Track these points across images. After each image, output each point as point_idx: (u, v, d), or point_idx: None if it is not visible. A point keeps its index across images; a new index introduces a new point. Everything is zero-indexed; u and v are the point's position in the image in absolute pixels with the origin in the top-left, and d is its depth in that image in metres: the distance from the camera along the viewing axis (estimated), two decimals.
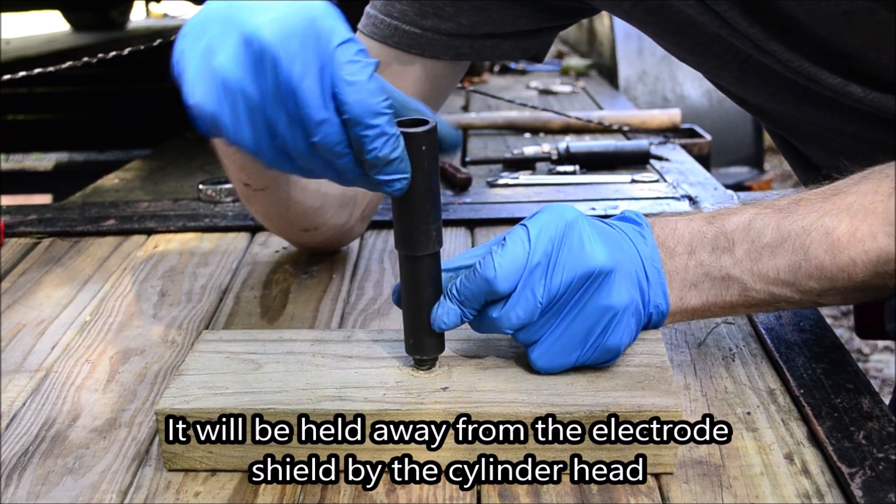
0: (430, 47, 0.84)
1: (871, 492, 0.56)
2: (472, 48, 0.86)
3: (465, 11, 0.82)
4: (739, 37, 0.74)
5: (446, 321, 0.61)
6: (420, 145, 0.56)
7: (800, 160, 0.90)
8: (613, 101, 2.16)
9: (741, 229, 0.65)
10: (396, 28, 0.84)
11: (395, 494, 0.59)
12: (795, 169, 0.94)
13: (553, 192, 1.24)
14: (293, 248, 1.03)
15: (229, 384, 0.62)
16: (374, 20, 0.86)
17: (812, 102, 0.77)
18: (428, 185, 0.58)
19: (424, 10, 0.83)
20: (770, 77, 0.77)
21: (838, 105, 0.75)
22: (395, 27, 0.84)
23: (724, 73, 0.81)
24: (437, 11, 0.82)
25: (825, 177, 0.67)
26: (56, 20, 5.15)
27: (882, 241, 0.62)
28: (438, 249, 0.61)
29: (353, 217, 0.93)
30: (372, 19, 0.86)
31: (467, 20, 0.83)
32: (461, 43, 0.85)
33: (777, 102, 0.80)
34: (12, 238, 1.09)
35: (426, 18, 0.83)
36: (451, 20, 0.83)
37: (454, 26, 0.83)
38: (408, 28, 0.83)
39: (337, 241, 0.98)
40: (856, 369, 0.70)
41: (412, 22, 0.83)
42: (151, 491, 0.60)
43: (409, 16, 0.83)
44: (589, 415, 0.58)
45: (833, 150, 0.80)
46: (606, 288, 0.60)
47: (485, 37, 0.85)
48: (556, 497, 0.58)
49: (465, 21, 0.83)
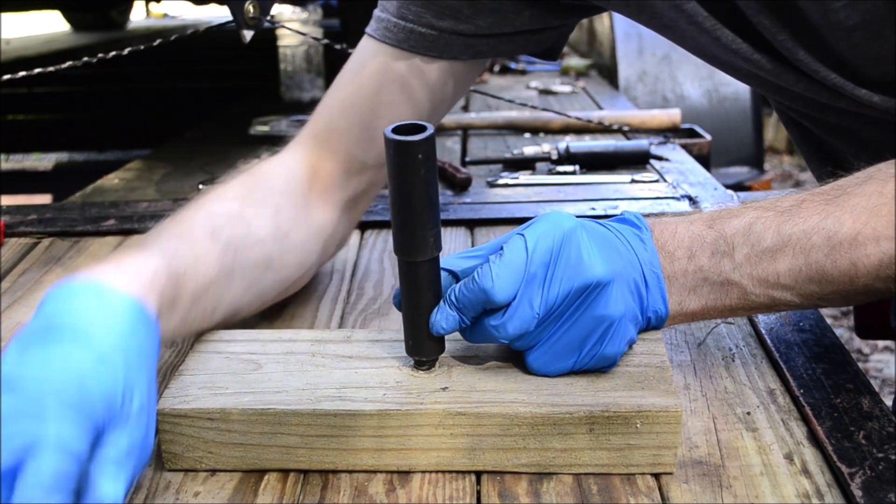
0: (448, 48, 0.84)
1: (871, 492, 0.56)
2: (489, 46, 0.85)
3: (481, 13, 0.82)
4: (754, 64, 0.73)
5: (445, 326, 0.61)
6: (416, 153, 0.56)
7: (818, 151, 0.88)
8: (613, 101, 2.16)
9: (741, 233, 0.65)
10: (412, 31, 0.83)
11: (395, 494, 0.59)
12: (810, 162, 0.92)
13: (553, 192, 1.24)
14: None
15: (229, 384, 0.62)
16: (386, 24, 0.84)
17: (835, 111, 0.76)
18: (426, 192, 0.57)
19: (441, 12, 0.82)
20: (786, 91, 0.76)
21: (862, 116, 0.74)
22: (410, 30, 0.83)
23: (742, 80, 0.81)
24: (454, 13, 0.82)
25: (832, 173, 0.66)
26: (56, 20, 5.15)
27: (885, 246, 0.61)
28: (437, 255, 0.61)
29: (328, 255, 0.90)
30: (384, 23, 0.84)
31: (484, 21, 0.82)
32: (477, 41, 0.84)
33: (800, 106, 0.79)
34: (12, 238, 1.09)
35: (443, 20, 0.82)
36: (469, 21, 0.82)
37: (471, 27, 0.82)
38: (424, 31, 0.82)
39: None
40: (856, 369, 0.70)
41: (428, 24, 0.82)
42: (151, 491, 0.60)
43: (425, 18, 0.82)
44: (589, 415, 0.58)
45: (863, 139, 0.78)
46: (604, 298, 0.60)
47: (501, 35, 0.85)
48: (556, 497, 0.58)
49: (482, 22, 0.82)
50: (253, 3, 1.13)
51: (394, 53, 0.84)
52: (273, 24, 1.68)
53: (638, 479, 0.59)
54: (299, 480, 0.61)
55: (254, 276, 0.75)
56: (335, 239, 0.89)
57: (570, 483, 0.59)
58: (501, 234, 0.62)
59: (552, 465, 0.60)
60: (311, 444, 0.60)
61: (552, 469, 0.60)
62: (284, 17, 2.07)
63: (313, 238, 0.84)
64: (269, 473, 0.61)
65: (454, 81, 0.87)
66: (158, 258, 0.63)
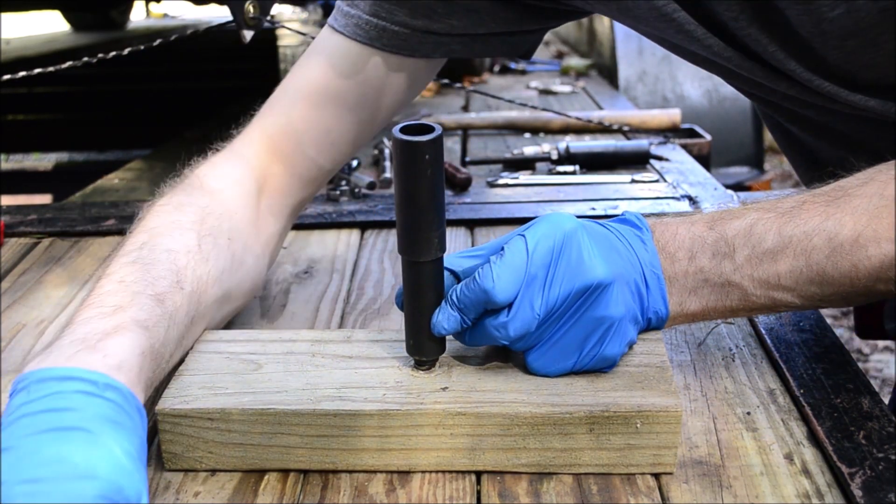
0: (420, 47, 0.82)
1: (871, 492, 0.56)
2: (463, 45, 0.84)
3: (456, 13, 0.81)
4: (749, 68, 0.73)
5: (446, 326, 0.61)
6: (423, 154, 0.56)
7: (804, 156, 0.88)
8: (613, 101, 2.16)
9: (742, 234, 0.65)
10: (385, 29, 0.81)
11: (395, 494, 0.59)
12: (797, 167, 0.92)
13: (553, 192, 1.24)
14: (293, 248, 1.03)
15: (229, 384, 0.62)
16: (357, 20, 0.82)
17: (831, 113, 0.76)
18: (432, 193, 0.57)
19: (415, 10, 0.80)
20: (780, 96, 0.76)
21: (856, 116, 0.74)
22: (383, 28, 0.81)
23: (732, 81, 0.80)
24: (429, 12, 0.80)
25: (830, 175, 0.66)
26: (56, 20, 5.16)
27: (886, 248, 0.61)
28: (441, 255, 0.61)
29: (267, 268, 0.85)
30: (354, 20, 0.82)
31: (459, 21, 0.81)
32: (451, 41, 0.83)
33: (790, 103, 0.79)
34: (12, 238, 1.09)
35: (416, 19, 0.81)
36: (443, 21, 0.81)
37: (446, 27, 0.81)
38: (397, 29, 0.81)
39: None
40: (856, 369, 0.70)
41: (402, 23, 0.81)
42: (151, 491, 0.60)
43: (398, 16, 0.80)
44: (589, 415, 0.58)
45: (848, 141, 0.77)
46: (604, 299, 0.60)
47: (475, 35, 0.84)
48: (556, 497, 0.58)
49: (457, 22, 0.81)
50: (253, 3, 1.13)
51: (364, 51, 0.82)
52: (273, 24, 1.68)
53: (638, 479, 0.59)
54: (299, 480, 0.61)
55: (211, 314, 0.73)
56: (278, 249, 0.87)
57: (570, 483, 0.59)
58: (501, 234, 0.62)
59: (552, 465, 0.60)
60: (311, 444, 0.60)
61: (552, 469, 0.60)
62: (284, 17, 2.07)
63: (264, 256, 0.82)
64: (269, 473, 0.61)
65: (418, 79, 0.86)
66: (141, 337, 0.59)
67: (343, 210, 1.15)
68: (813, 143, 0.83)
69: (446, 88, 2.18)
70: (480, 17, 0.81)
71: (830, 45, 0.67)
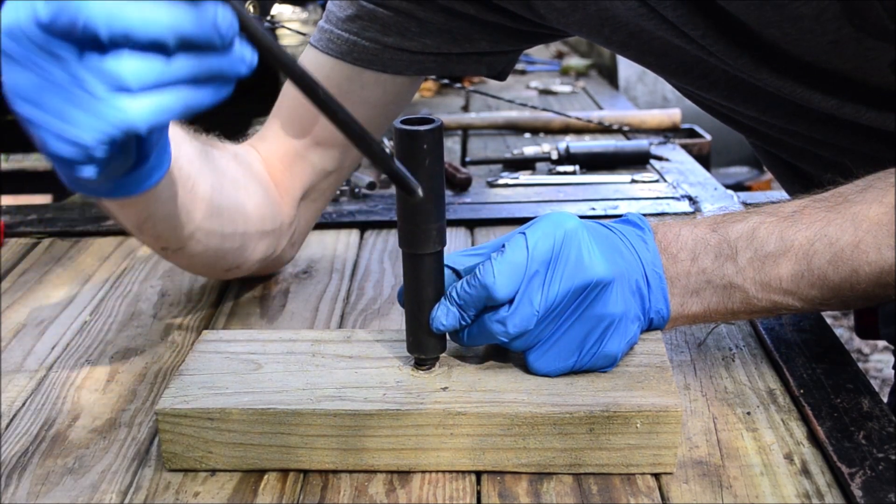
0: (392, 64, 0.82)
1: (871, 492, 0.56)
2: (437, 64, 0.84)
3: (430, 33, 0.80)
4: (728, 64, 0.74)
5: (445, 322, 0.61)
6: (422, 143, 0.56)
7: (788, 172, 0.89)
8: (613, 101, 2.16)
9: (745, 237, 0.65)
10: (355, 44, 0.81)
11: (395, 494, 0.59)
12: (783, 182, 0.93)
13: (553, 192, 1.24)
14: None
15: (229, 384, 0.62)
16: (329, 35, 0.82)
17: (805, 118, 0.77)
18: (430, 184, 0.58)
19: (387, 28, 0.80)
20: (760, 94, 0.77)
21: (833, 119, 0.75)
22: (353, 43, 0.81)
23: (712, 91, 0.80)
24: (401, 31, 0.80)
25: (829, 182, 0.67)
26: None
27: (886, 254, 0.62)
28: (441, 249, 0.61)
29: (280, 246, 0.88)
30: (327, 34, 0.83)
31: (432, 41, 0.81)
32: (425, 58, 0.83)
33: (769, 117, 0.79)
34: (12, 238, 1.09)
35: (388, 36, 0.80)
36: (415, 39, 0.81)
37: (418, 45, 0.81)
38: (368, 45, 0.81)
39: (265, 270, 0.93)
40: (856, 369, 0.70)
41: (373, 39, 0.81)
42: (151, 491, 0.60)
43: (369, 32, 0.81)
44: (589, 415, 0.58)
45: (826, 163, 0.80)
46: (604, 297, 0.60)
47: (449, 55, 0.83)
48: (556, 497, 0.58)
49: (430, 41, 0.81)
50: (253, 3, 1.13)
51: (335, 65, 0.83)
52: (273, 24, 1.68)
53: (638, 479, 0.59)
54: (299, 480, 0.61)
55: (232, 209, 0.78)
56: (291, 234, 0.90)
57: (570, 483, 0.59)
58: (501, 234, 0.63)
59: (552, 465, 0.60)
60: (311, 444, 0.60)
61: (552, 469, 0.60)
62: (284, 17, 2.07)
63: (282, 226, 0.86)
64: (268, 473, 0.61)
65: (396, 95, 0.85)
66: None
67: (343, 210, 1.15)
68: (794, 162, 0.85)
69: (446, 88, 2.18)
70: (453, 37, 0.81)
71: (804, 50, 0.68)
